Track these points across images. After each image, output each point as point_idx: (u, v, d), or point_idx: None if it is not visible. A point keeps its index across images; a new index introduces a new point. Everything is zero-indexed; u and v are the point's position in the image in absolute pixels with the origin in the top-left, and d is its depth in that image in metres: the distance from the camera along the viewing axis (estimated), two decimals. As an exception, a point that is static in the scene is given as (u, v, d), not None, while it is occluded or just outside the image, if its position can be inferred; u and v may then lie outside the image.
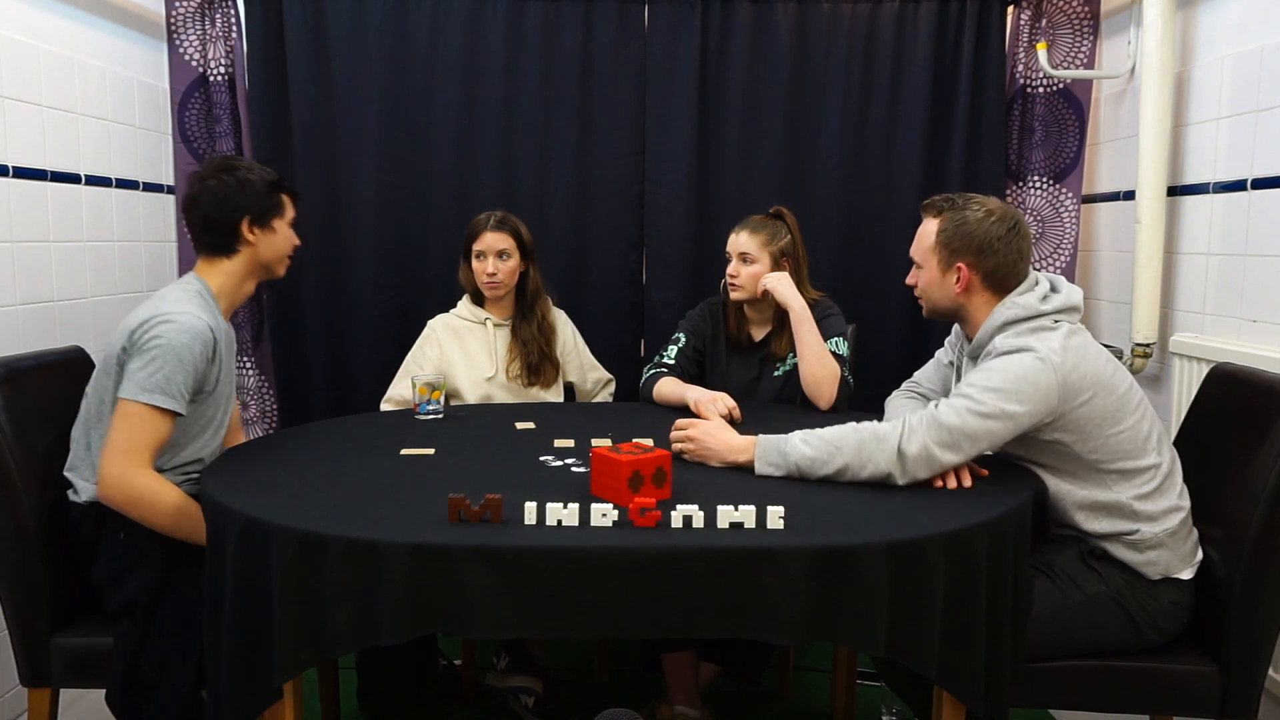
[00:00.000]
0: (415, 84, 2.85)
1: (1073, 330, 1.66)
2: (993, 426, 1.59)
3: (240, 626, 1.40)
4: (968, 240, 1.72)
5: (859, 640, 1.34)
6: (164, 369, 1.72)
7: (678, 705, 2.12)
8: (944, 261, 1.75)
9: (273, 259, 1.98)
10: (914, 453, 1.58)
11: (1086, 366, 1.61)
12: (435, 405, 2.17)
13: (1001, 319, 1.69)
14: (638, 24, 2.85)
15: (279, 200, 1.96)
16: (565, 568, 1.31)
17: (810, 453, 1.63)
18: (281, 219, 1.97)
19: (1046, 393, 1.58)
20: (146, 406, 1.70)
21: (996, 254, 1.71)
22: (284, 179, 2.00)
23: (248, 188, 1.90)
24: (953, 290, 1.75)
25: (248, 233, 1.91)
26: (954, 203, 1.75)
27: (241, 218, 1.90)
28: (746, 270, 2.34)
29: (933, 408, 1.63)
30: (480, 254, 2.42)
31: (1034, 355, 1.60)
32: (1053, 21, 2.85)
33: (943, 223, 1.75)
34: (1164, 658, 1.66)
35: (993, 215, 1.72)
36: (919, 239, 1.80)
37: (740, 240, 2.35)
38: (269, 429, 3.01)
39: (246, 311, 2.93)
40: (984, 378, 1.62)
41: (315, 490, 1.57)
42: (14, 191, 2.17)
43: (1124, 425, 1.63)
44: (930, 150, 2.87)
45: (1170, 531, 1.64)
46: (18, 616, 1.74)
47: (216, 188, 1.89)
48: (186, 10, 2.80)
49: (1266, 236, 2.11)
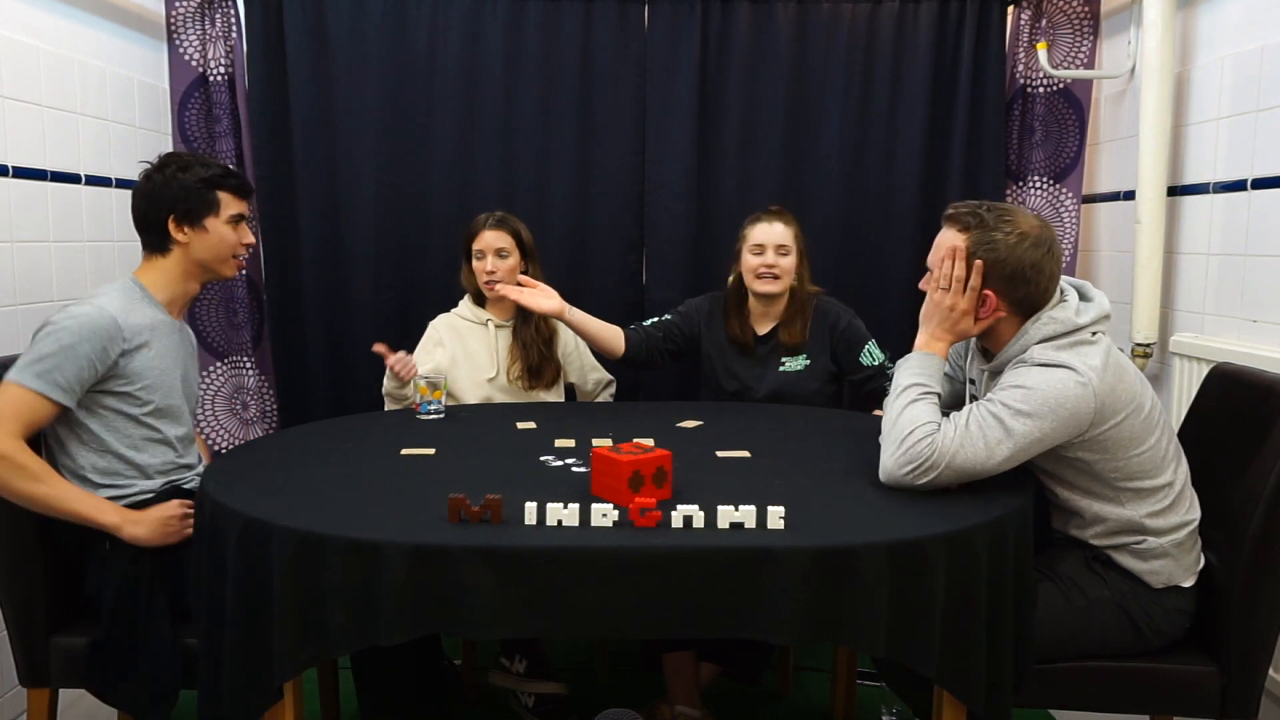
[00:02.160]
0: (415, 84, 2.85)
1: (1111, 346, 1.60)
2: (1018, 455, 1.54)
3: (240, 626, 1.40)
4: (998, 267, 1.59)
5: (859, 640, 1.34)
6: (50, 356, 1.69)
7: (678, 705, 2.11)
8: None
9: (209, 259, 1.89)
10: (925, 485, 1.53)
11: (1123, 387, 1.56)
12: (436, 405, 2.17)
13: (1039, 335, 1.59)
14: (638, 24, 2.85)
15: (211, 198, 1.87)
16: (565, 568, 1.31)
17: (893, 411, 1.60)
18: (216, 218, 1.87)
19: (1081, 417, 1.53)
20: (19, 387, 1.68)
21: (1028, 282, 1.59)
22: (228, 175, 1.91)
23: (174, 185, 1.84)
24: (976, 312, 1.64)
25: (176, 232, 1.85)
26: (982, 220, 1.60)
27: (167, 216, 1.84)
28: (784, 261, 2.34)
29: (964, 431, 1.54)
30: (479, 253, 2.42)
31: (1075, 378, 1.52)
32: (1053, 21, 2.85)
33: (970, 242, 1.60)
34: (1164, 658, 1.66)
35: (1026, 239, 1.58)
36: (941, 251, 1.65)
37: (777, 231, 2.34)
38: (269, 429, 3.01)
39: (246, 311, 2.93)
40: (1019, 397, 1.53)
41: (315, 490, 1.56)
42: (14, 191, 2.18)
43: (1146, 445, 1.59)
44: (930, 150, 2.87)
45: (1177, 543, 1.63)
46: (17, 617, 1.73)
47: (146, 185, 1.85)
48: (186, 10, 2.80)
49: (1266, 236, 2.11)
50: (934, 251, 1.69)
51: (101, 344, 1.73)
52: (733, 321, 2.44)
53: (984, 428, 1.54)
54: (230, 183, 1.90)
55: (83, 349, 1.71)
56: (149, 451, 1.84)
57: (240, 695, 1.42)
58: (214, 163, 1.92)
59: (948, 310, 1.64)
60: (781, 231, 2.34)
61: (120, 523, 1.72)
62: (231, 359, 2.98)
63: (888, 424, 1.62)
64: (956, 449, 1.53)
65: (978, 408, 1.57)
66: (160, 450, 1.87)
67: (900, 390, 1.64)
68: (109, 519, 1.71)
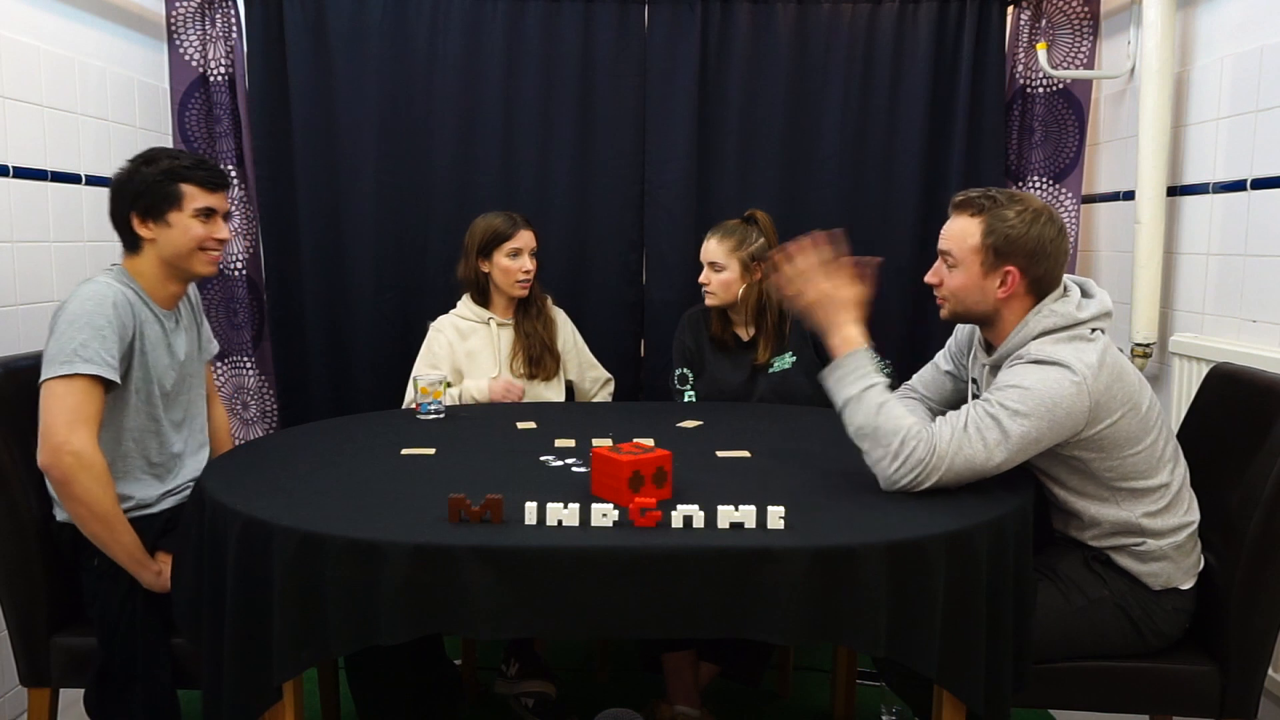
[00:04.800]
0: (415, 84, 2.85)
1: (1109, 344, 1.60)
2: (1016, 456, 1.54)
3: (240, 626, 1.40)
4: (1020, 243, 1.60)
5: (859, 640, 1.34)
6: (77, 336, 1.64)
7: (677, 705, 2.12)
8: (989, 264, 1.62)
9: (174, 255, 1.82)
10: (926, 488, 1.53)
11: (1119, 386, 1.56)
12: (436, 405, 2.17)
13: (1038, 328, 1.60)
14: (638, 24, 2.85)
15: (174, 191, 1.78)
16: (565, 568, 1.31)
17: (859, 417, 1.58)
18: (179, 211, 1.79)
19: (1077, 416, 1.53)
20: (65, 379, 1.62)
21: (1048, 257, 1.61)
22: (196, 167, 1.82)
23: (136, 179, 1.78)
24: (994, 294, 1.64)
25: (140, 228, 1.79)
26: (995, 200, 1.63)
27: (129, 211, 1.79)
28: (717, 278, 2.38)
29: (961, 434, 1.53)
30: (517, 251, 2.42)
31: (1070, 376, 1.52)
32: (1053, 21, 2.85)
33: (986, 223, 1.62)
34: (1164, 658, 1.66)
35: (1040, 216, 1.61)
36: (956, 238, 1.66)
37: (709, 248, 2.40)
38: (269, 429, 3.01)
39: (246, 311, 2.93)
40: (1016, 397, 1.53)
41: (315, 490, 1.56)
42: (14, 191, 2.18)
43: (1142, 445, 1.59)
44: (930, 150, 2.87)
45: (1176, 545, 1.63)
46: (17, 617, 1.74)
47: (113, 180, 1.80)
48: (186, 10, 2.80)
49: (1266, 236, 2.11)
50: (945, 240, 1.69)
51: (120, 318, 1.71)
52: (716, 326, 2.48)
53: (982, 429, 1.53)
54: (197, 174, 1.81)
55: (106, 323, 1.68)
56: (155, 440, 1.84)
57: (240, 695, 1.42)
58: (185, 155, 1.84)
59: (828, 295, 1.66)
60: (713, 248, 2.39)
61: (153, 581, 1.72)
62: (231, 359, 2.98)
63: (864, 429, 1.57)
64: (955, 451, 1.52)
65: (975, 408, 1.57)
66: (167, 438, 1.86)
67: (859, 395, 1.60)
68: (146, 564, 1.72)
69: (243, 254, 2.89)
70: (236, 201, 2.86)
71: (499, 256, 2.42)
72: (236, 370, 2.99)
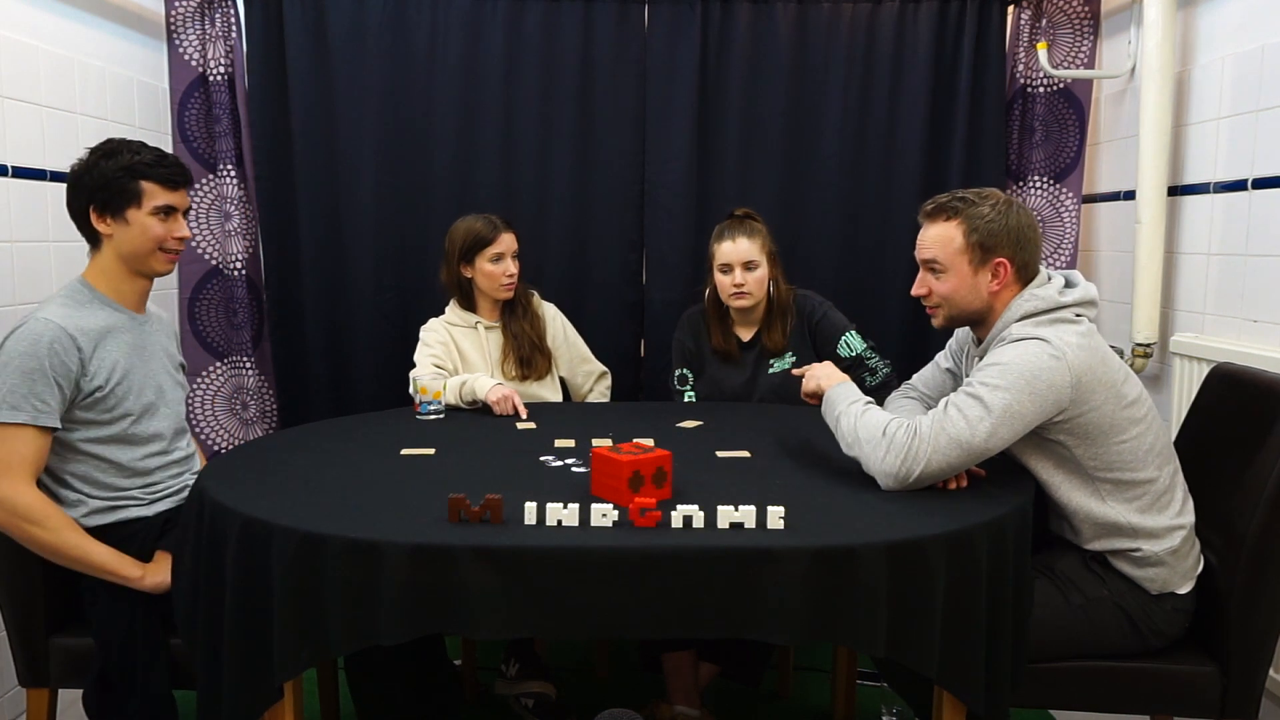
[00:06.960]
0: (415, 84, 2.84)
1: (1091, 330, 1.62)
2: (1001, 430, 1.54)
3: (240, 626, 1.40)
4: (1002, 234, 1.65)
5: (859, 640, 1.34)
6: (6, 382, 1.62)
7: (677, 705, 2.11)
8: (978, 260, 1.66)
9: (132, 253, 1.78)
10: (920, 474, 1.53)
11: (1102, 370, 1.57)
12: (436, 405, 2.17)
13: (1019, 312, 1.63)
14: (638, 24, 2.85)
15: (133, 188, 1.75)
16: (565, 568, 1.31)
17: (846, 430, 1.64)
18: (137, 209, 1.76)
19: (1059, 390, 1.54)
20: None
21: (1030, 243, 1.66)
22: (157, 164, 1.78)
23: (94, 173, 1.74)
24: (986, 289, 1.67)
25: (98, 223, 1.76)
26: (965, 200, 1.68)
27: (86, 206, 1.76)
28: (753, 276, 2.34)
29: (942, 415, 1.56)
30: (499, 256, 2.41)
31: (1049, 350, 1.54)
32: (1053, 21, 2.85)
33: (965, 223, 1.66)
34: (1164, 658, 1.66)
35: (1012, 206, 1.67)
36: (938, 244, 1.69)
37: (742, 248, 2.33)
38: (269, 429, 3.01)
39: (246, 311, 2.93)
40: (994, 373, 1.55)
41: (315, 490, 1.56)
42: (14, 191, 2.17)
43: (1127, 436, 1.60)
44: (930, 150, 2.87)
45: (1172, 550, 1.62)
46: (16, 617, 1.74)
47: (71, 171, 1.77)
48: (186, 10, 2.80)
49: (1266, 236, 2.11)
50: (926, 249, 1.72)
51: (59, 357, 1.66)
52: (715, 333, 2.46)
53: (962, 407, 1.56)
54: (158, 171, 1.77)
55: (43, 366, 1.64)
56: (139, 456, 1.82)
57: (240, 695, 1.42)
58: (147, 149, 1.79)
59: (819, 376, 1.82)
60: (746, 247, 2.32)
61: (141, 575, 1.71)
62: (231, 359, 2.98)
63: (851, 436, 1.63)
64: (938, 430, 1.54)
65: (955, 394, 1.60)
66: (149, 447, 1.84)
67: (844, 411, 1.67)
68: (130, 572, 1.71)
69: (242, 254, 2.89)
70: (236, 201, 2.86)
71: (481, 262, 2.41)
72: (236, 370, 2.98)
